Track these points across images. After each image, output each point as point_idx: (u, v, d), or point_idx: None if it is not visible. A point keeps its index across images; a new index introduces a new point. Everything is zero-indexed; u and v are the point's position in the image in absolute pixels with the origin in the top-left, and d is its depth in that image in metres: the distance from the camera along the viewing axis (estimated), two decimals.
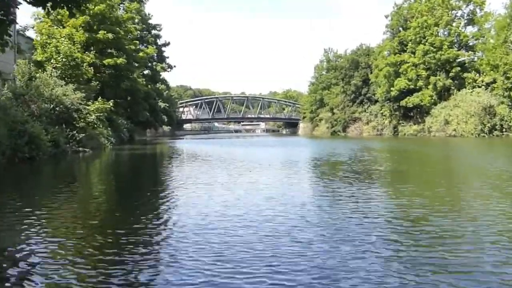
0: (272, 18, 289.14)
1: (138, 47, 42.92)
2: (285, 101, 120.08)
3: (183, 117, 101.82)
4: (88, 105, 23.75)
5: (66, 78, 24.79)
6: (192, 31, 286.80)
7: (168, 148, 30.92)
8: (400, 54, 53.29)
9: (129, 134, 45.46)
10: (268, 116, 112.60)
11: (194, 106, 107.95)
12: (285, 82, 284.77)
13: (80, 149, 23.43)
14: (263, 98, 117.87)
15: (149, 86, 52.29)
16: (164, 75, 67.76)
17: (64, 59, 24.56)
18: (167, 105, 73.44)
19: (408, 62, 50.94)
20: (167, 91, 77.44)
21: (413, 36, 51.49)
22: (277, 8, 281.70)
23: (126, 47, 36.01)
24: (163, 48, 61.75)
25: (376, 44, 65.38)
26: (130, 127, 46.83)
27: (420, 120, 51.23)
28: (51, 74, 23.53)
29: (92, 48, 35.64)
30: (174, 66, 65.81)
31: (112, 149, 29.60)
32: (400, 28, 56.79)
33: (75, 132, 23.31)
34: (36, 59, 25.62)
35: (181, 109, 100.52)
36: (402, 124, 54.72)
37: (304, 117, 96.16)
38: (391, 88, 52.46)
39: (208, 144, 35.11)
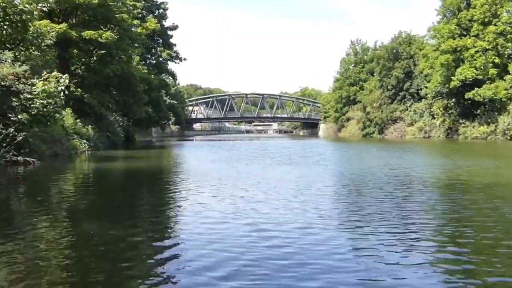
0: (284, 18, 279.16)
1: (136, 21, 33.17)
2: (304, 99, 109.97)
3: (193, 116, 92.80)
4: (34, 85, 14.20)
5: (5, 44, 15.30)
6: (203, 29, 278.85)
7: (170, 158, 21.41)
8: (461, 38, 42.89)
9: (125, 134, 36.09)
10: (285, 115, 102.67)
11: (205, 105, 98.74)
12: (298, 82, 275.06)
13: (20, 158, 14.01)
14: (280, 96, 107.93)
15: (152, 76, 42.89)
16: (172, 66, 58.13)
17: None
18: (175, 101, 64.29)
19: (475, 47, 40.40)
20: (175, 87, 68.15)
21: (479, 15, 41.13)
22: (290, 8, 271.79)
23: (117, 16, 26.27)
24: (170, 32, 51.92)
25: (426, 28, 54.96)
26: (126, 125, 37.52)
27: (489, 120, 40.60)
28: None
29: (72, 20, 26.36)
30: (185, 59, 56.07)
31: (89, 157, 20.28)
32: (456, 10, 46.27)
33: (12, 129, 13.89)
34: None
35: (190, 108, 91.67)
36: (463, 125, 43.93)
37: (325, 117, 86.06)
38: (452, 77, 41.76)
39: (220, 152, 23.94)
